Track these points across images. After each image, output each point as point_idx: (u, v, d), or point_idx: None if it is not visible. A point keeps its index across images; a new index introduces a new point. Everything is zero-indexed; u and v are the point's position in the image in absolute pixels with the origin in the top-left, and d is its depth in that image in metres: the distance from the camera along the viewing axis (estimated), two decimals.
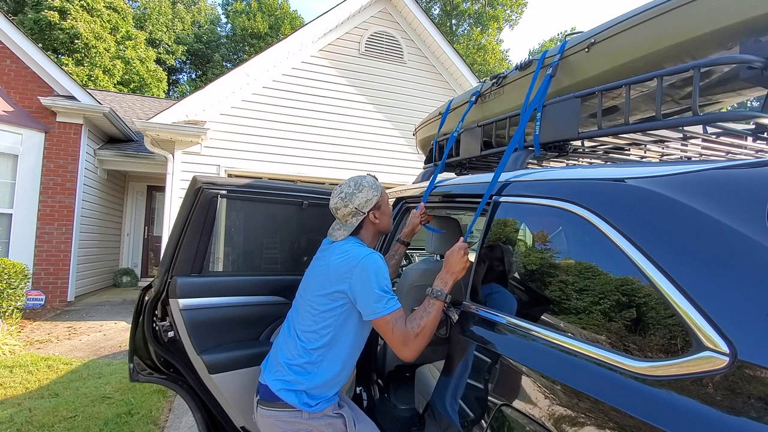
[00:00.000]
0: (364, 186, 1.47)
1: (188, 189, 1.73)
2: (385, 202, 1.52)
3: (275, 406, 1.32)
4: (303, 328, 1.38)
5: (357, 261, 1.31)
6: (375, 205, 1.48)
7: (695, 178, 0.89)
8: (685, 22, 1.15)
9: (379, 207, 1.50)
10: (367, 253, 1.34)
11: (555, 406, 0.93)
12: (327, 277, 1.35)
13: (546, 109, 1.48)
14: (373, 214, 1.48)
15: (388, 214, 1.55)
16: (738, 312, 0.70)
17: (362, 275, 1.29)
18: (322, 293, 1.35)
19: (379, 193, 1.49)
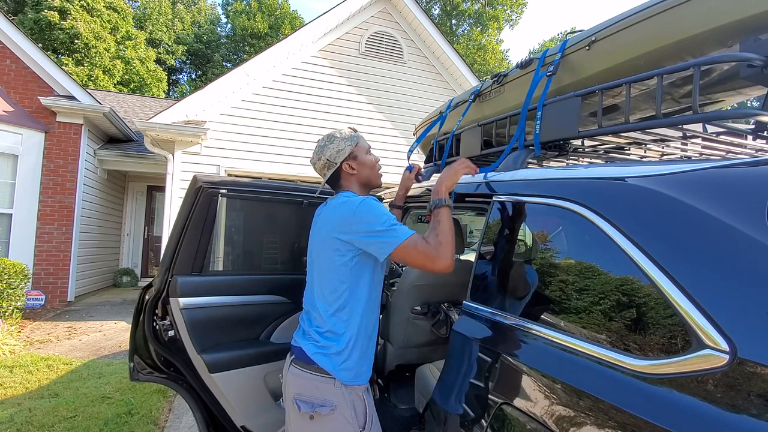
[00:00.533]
0: (335, 138, 1.47)
1: (189, 188, 1.73)
2: (362, 152, 1.49)
3: (310, 369, 1.31)
4: (322, 293, 1.37)
5: (354, 207, 1.30)
6: (349, 154, 1.45)
7: (695, 177, 0.89)
8: (686, 19, 1.15)
9: (355, 157, 1.47)
10: (362, 199, 1.32)
11: (556, 405, 0.93)
12: (329, 232, 1.34)
13: (546, 108, 1.48)
14: (348, 164, 1.46)
15: (369, 165, 1.50)
16: (738, 310, 0.70)
17: (362, 218, 1.28)
18: (329, 249, 1.33)
19: (352, 143, 1.46)
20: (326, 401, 1.28)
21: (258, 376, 1.81)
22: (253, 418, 1.80)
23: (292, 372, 1.35)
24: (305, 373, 1.31)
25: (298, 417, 1.30)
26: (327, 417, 1.27)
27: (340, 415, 1.28)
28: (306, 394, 1.30)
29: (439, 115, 2.47)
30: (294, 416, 1.32)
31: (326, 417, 1.27)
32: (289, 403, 1.34)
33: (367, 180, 1.50)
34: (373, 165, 1.51)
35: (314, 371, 1.30)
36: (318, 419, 1.27)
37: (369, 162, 1.50)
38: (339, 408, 1.28)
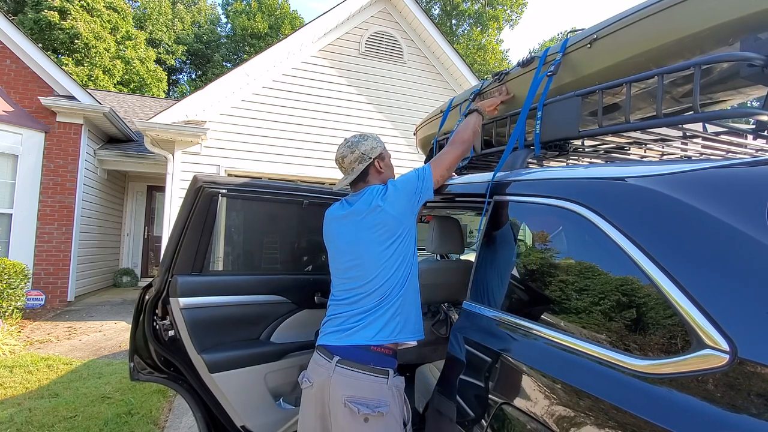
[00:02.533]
0: (368, 136, 1.57)
1: (189, 188, 1.73)
2: (388, 155, 1.61)
3: (364, 369, 1.31)
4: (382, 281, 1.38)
5: (383, 188, 1.45)
6: (379, 154, 1.55)
7: (696, 176, 0.89)
8: (686, 17, 1.15)
9: (383, 158, 1.58)
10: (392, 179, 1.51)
11: (556, 405, 0.92)
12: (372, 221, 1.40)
13: (546, 107, 1.48)
14: (378, 162, 1.55)
15: (392, 169, 1.63)
16: (738, 310, 0.70)
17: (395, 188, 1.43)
18: (377, 236, 1.39)
19: (382, 145, 1.58)
20: (380, 401, 1.29)
21: (258, 376, 1.80)
22: (253, 418, 1.80)
23: (341, 373, 1.32)
24: (359, 373, 1.30)
25: (352, 420, 1.27)
26: (381, 417, 1.27)
27: (391, 414, 1.30)
28: (359, 395, 1.29)
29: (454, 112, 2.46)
30: (346, 420, 1.28)
31: (381, 418, 1.27)
32: (338, 406, 1.30)
33: (384, 180, 1.58)
34: (394, 170, 1.64)
35: (369, 371, 1.31)
36: (373, 420, 1.27)
37: (391, 162, 1.64)
38: (391, 407, 1.30)
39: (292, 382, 1.89)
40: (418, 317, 1.47)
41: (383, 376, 1.31)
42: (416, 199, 1.44)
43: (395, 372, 1.36)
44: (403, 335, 1.38)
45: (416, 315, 1.45)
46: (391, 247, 1.39)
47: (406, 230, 1.43)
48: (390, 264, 1.38)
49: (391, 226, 1.40)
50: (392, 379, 1.33)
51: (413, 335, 1.42)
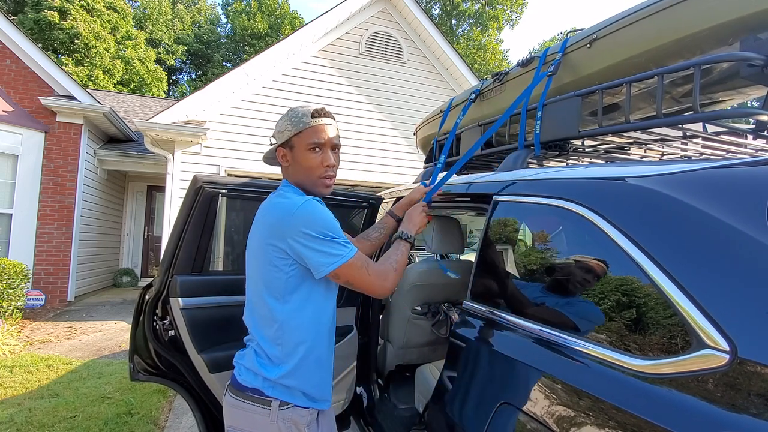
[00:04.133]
0: (290, 113, 1.17)
1: (189, 188, 1.73)
2: (302, 144, 1.14)
3: (244, 397, 1.15)
4: (260, 312, 1.17)
5: (293, 209, 1.06)
6: (286, 140, 1.16)
7: (696, 176, 0.89)
8: (686, 17, 1.15)
9: (292, 146, 1.16)
10: (304, 200, 1.08)
11: (556, 405, 0.92)
12: (262, 238, 1.12)
13: (547, 107, 1.48)
14: (282, 151, 1.18)
15: (305, 166, 1.15)
16: (738, 310, 0.70)
17: (303, 223, 1.05)
18: (263, 259, 1.12)
19: (296, 127, 1.13)
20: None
21: None
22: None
23: (227, 401, 1.16)
24: (238, 401, 1.13)
25: None
26: None
27: None
28: (238, 427, 1.14)
29: (456, 112, 2.46)
30: None
31: None
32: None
33: (300, 183, 1.19)
34: (312, 168, 1.15)
35: (248, 399, 1.12)
36: None
37: (305, 161, 1.15)
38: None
39: None
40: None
41: (265, 407, 1.10)
42: (296, 247, 1.08)
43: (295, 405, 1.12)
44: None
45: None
46: (279, 280, 1.16)
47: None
48: (270, 296, 1.18)
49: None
50: (283, 411, 1.10)
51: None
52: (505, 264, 1.32)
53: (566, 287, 1.06)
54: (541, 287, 1.17)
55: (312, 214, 1.08)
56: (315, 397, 1.16)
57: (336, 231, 1.10)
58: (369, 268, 1.13)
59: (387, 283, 1.16)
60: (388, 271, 1.17)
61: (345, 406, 2.02)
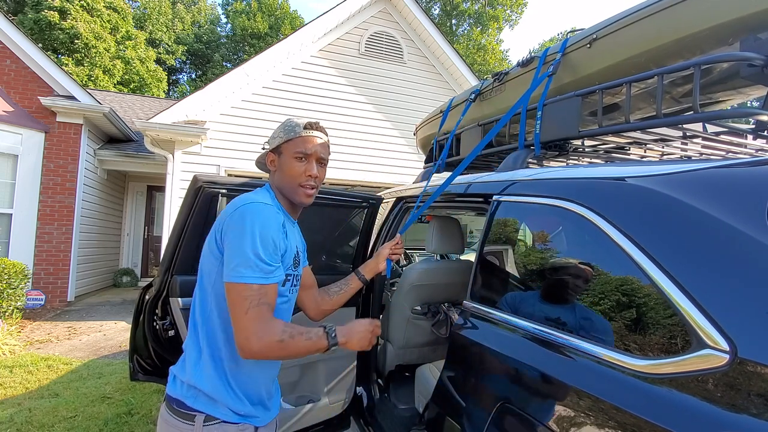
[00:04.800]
0: (282, 123, 1.19)
1: (189, 188, 1.73)
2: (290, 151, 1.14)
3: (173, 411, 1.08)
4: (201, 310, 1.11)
5: (237, 205, 1.03)
6: (276, 147, 1.16)
7: (696, 176, 0.89)
8: (686, 17, 1.15)
9: (280, 153, 1.16)
10: (256, 200, 1.05)
11: (556, 405, 0.92)
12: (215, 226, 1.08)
13: (547, 107, 1.48)
14: (271, 156, 1.19)
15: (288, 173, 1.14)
16: (738, 310, 0.70)
17: (237, 223, 1.00)
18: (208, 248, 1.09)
19: (287, 136, 1.14)
20: None
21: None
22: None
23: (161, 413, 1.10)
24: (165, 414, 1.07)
25: None
26: None
27: None
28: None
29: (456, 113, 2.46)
30: None
31: None
32: None
33: (281, 189, 1.17)
34: (295, 175, 1.14)
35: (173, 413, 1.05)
36: None
37: (289, 168, 1.14)
38: None
39: (292, 382, 1.89)
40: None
41: (188, 422, 1.01)
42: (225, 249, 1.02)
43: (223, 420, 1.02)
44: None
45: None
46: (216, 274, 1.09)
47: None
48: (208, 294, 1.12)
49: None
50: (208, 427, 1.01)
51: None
52: (505, 264, 1.32)
53: (566, 287, 1.06)
54: (541, 287, 1.17)
55: (251, 216, 1.01)
56: (242, 412, 1.05)
57: (264, 247, 0.99)
58: (255, 310, 0.96)
59: (253, 343, 0.95)
60: (270, 334, 0.96)
61: (345, 406, 2.02)
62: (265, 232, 1.01)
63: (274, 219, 1.05)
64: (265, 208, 1.04)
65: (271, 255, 1.02)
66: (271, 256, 1.01)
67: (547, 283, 1.15)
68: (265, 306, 0.99)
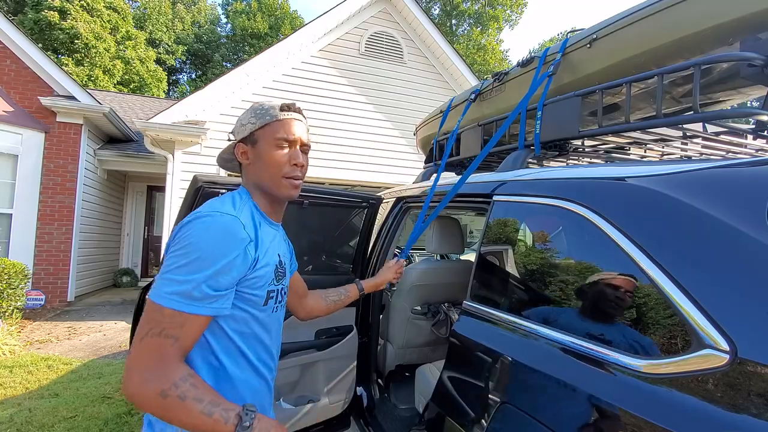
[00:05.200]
0: (250, 108, 1.01)
1: (189, 188, 1.73)
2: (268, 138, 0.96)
3: None
4: None
5: (191, 217, 0.84)
6: (249, 135, 0.98)
7: (696, 176, 0.89)
8: (687, 17, 1.15)
9: (254, 141, 0.97)
10: (213, 212, 0.85)
11: (555, 405, 0.92)
12: None
13: (546, 107, 1.48)
14: (242, 147, 0.99)
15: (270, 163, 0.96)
16: (738, 310, 0.70)
17: (179, 238, 0.82)
18: None
19: (263, 120, 0.96)
20: None
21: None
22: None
23: None
24: None
25: None
26: None
27: None
28: None
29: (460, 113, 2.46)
30: None
31: None
32: None
33: (261, 184, 0.99)
34: (276, 164, 0.96)
35: None
36: None
37: (269, 158, 0.96)
38: None
39: (292, 382, 1.89)
40: None
41: None
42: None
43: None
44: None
45: None
46: None
47: None
48: None
49: None
50: None
51: None
52: (505, 264, 1.32)
53: (566, 287, 1.06)
54: (540, 287, 1.17)
55: (200, 230, 0.81)
56: None
57: (205, 268, 0.78)
58: (153, 340, 0.75)
59: (132, 381, 0.74)
60: (156, 380, 0.74)
61: (345, 406, 2.02)
62: (214, 250, 0.80)
63: (233, 235, 0.84)
64: (222, 222, 0.84)
65: (214, 279, 0.80)
66: (213, 281, 0.80)
67: (546, 283, 1.15)
68: (170, 340, 0.76)
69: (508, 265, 1.30)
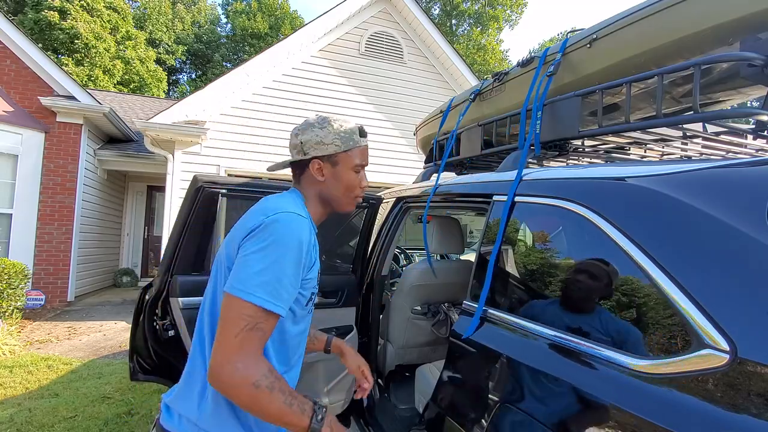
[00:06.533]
0: (328, 124, 1.03)
1: (189, 188, 1.73)
2: (348, 163, 1.04)
3: None
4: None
5: (269, 212, 0.89)
6: (327, 154, 1.02)
7: (696, 176, 0.89)
8: (687, 17, 1.15)
9: (335, 162, 1.03)
10: (291, 211, 0.91)
11: (556, 405, 0.93)
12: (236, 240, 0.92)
13: (546, 107, 1.48)
14: (319, 164, 1.02)
15: (345, 185, 1.05)
16: (738, 310, 0.70)
17: (266, 234, 0.86)
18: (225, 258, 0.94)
19: (345, 145, 1.02)
20: None
21: None
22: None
23: None
24: None
25: None
26: None
27: None
28: None
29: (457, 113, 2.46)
30: None
31: None
32: None
33: (330, 199, 1.07)
34: (351, 187, 1.06)
35: None
36: None
37: (347, 180, 1.05)
38: None
39: None
40: None
41: None
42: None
43: None
44: None
45: None
46: None
47: None
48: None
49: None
50: None
51: None
52: (505, 264, 1.32)
53: (566, 287, 1.06)
54: (540, 287, 1.17)
55: (285, 230, 0.87)
56: None
57: (289, 271, 0.85)
58: (247, 335, 0.80)
59: (227, 372, 0.78)
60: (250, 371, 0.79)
61: (345, 406, 2.02)
62: (297, 253, 0.87)
63: (308, 237, 0.91)
64: (301, 224, 0.90)
65: (294, 281, 0.88)
66: (293, 283, 0.87)
67: (546, 283, 1.15)
68: (260, 334, 0.82)
69: (508, 265, 1.30)
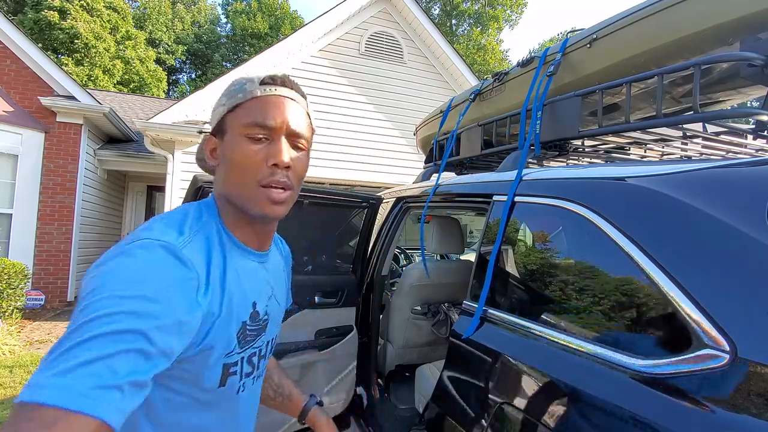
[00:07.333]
0: (231, 84, 0.70)
1: (189, 188, 1.73)
2: (234, 124, 0.66)
3: None
4: None
5: (101, 260, 0.59)
6: (217, 123, 0.69)
7: (696, 176, 0.89)
8: (687, 17, 1.15)
9: (223, 131, 0.68)
10: (136, 241, 0.62)
11: (555, 405, 0.93)
12: None
13: (546, 107, 1.48)
14: (211, 143, 0.71)
15: (237, 159, 0.65)
16: (738, 309, 0.70)
17: (86, 286, 0.56)
18: None
19: (233, 100, 0.67)
20: None
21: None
22: None
23: None
24: None
25: None
26: None
27: None
28: None
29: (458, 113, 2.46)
30: None
31: None
32: None
33: (226, 192, 0.69)
34: (247, 165, 0.66)
35: None
36: None
37: (238, 155, 0.66)
38: None
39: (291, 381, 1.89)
40: None
41: None
42: None
43: None
44: None
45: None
46: None
47: None
48: None
49: None
50: None
51: None
52: (505, 264, 1.32)
53: (566, 287, 1.06)
54: (541, 287, 1.17)
55: (108, 275, 0.55)
56: None
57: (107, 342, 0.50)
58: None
59: None
60: None
61: (345, 406, 2.02)
62: (135, 305, 0.53)
63: (167, 278, 0.57)
64: (150, 259, 0.58)
65: (127, 362, 0.51)
66: (121, 364, 0.50)
67: (546, 282, 1.15)
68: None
69: (508, 265, 1.30)
